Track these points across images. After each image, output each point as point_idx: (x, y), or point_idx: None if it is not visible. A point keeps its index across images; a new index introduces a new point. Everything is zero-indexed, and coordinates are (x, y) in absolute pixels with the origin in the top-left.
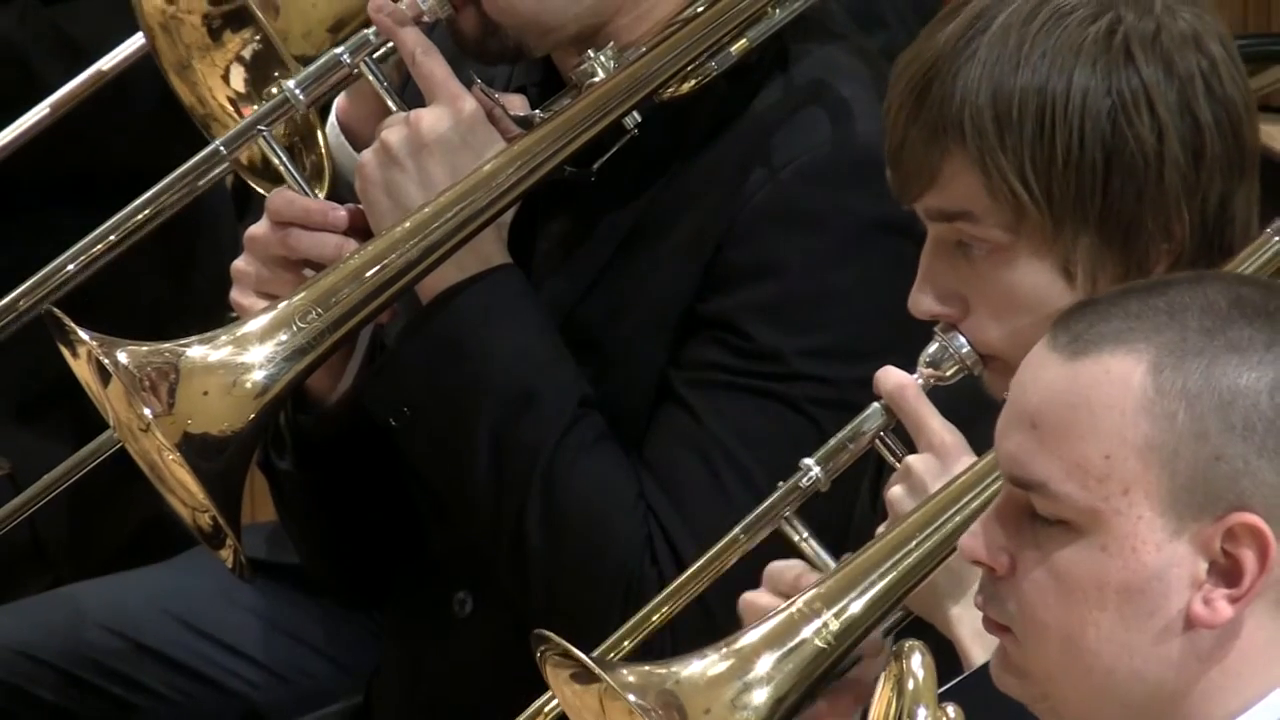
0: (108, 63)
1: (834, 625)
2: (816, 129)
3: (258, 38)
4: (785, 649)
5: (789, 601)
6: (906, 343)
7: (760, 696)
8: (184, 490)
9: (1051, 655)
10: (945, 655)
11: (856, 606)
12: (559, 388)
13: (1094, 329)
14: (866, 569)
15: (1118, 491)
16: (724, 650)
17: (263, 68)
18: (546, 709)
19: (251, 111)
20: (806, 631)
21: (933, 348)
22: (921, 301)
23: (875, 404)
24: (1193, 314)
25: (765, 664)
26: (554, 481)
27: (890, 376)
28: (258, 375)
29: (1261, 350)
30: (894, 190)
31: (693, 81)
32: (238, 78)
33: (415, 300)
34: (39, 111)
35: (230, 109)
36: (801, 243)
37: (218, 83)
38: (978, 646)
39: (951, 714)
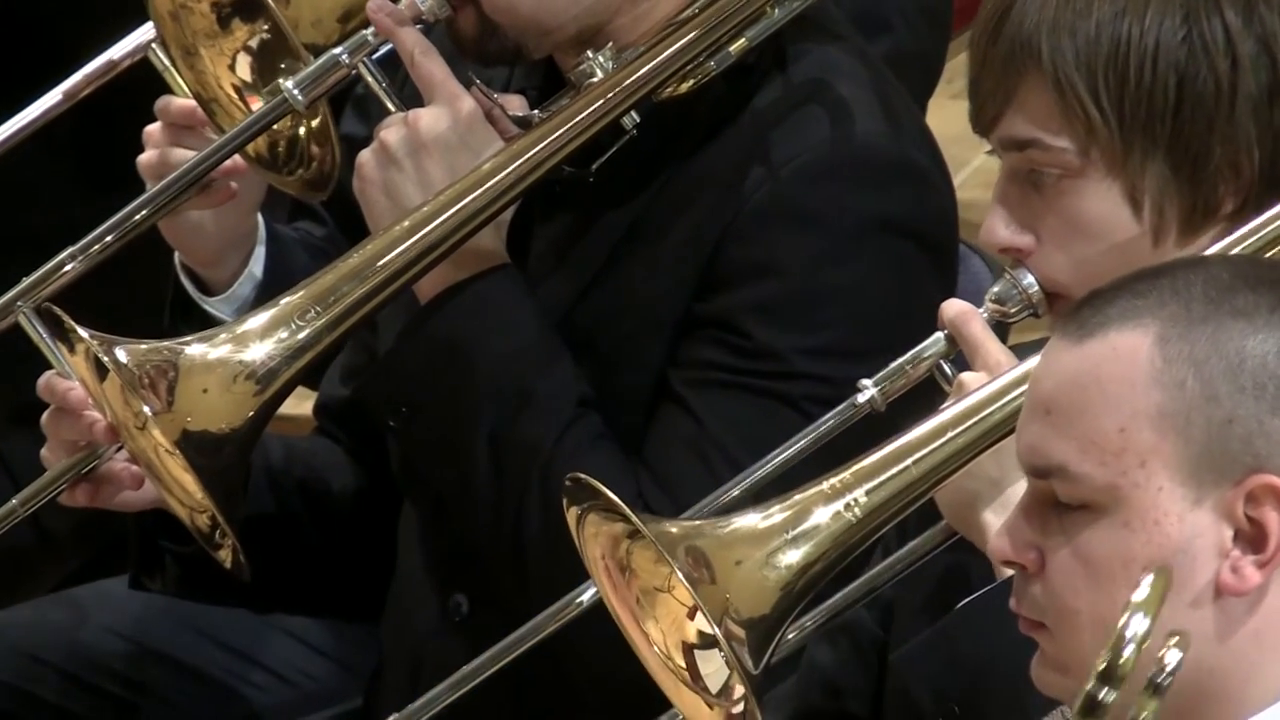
0: (119, 52)
1: (864, 500)
2: (815, 128)
3: (266, 28)
4: (817, 518)
5: (825, 476)
6: (906, 342)
7: (793, 557)
8: (181, 490)
9: (1087, 642)
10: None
11: (890, 486)
12: (557, 387)
13: (1100, 312)
14: (901, 453)
15: (1135, 464)
16: (760, 512)
17: (270, 58)
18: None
19: (257, 101)
20: (838, 504)
21: (999, 285)
22: (995, 229)
23: (938, 333)
24: (1196, 286)
25: (797, 529)
26: (553, 480)
27: (954, 304)
28: (257, 372)
29: (1266, 314)
30: (972, 122)
31: (691, 81)
32: (244, 67)
33: (413, 300)
34: (52, 98)
35: (236, 97)
36: (801, 242)
37: (224, 71)
38: None
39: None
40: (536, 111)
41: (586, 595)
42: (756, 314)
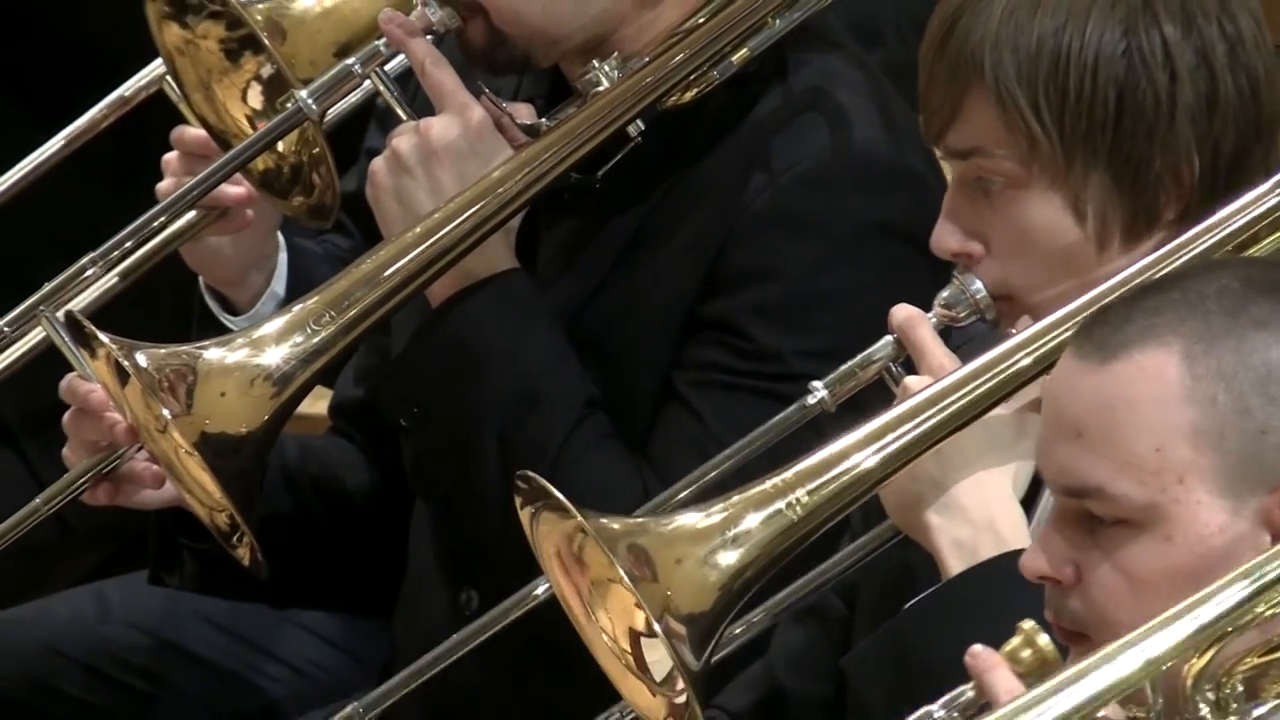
0: (129, 89)
1: (805, 500)
2: (815, 135)
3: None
4: (758, 517)
5: (769, 474)
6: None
7: (731, 557)
8: (201, 489)
9: None
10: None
11: (830, 486)
12: (565, 388)
13: (1118, 332)
14: (845, 452)
15: (1173, 481)
16: (703, 510)
17: (278, 86)
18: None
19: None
20: (780, 504)
21: (948, 290)
22: (944, 238)
23: (887, 336)
24: (1210, 299)
25: (739, 527)
26: (560, 479)
27: (902, 309)
28: (274, 376)
29: None
30: (923, 131)
31: (695, 90)
32: (255, 97)
33: (425, 303)
34: (54, 144)
35: (248, 126)
36: (801, 246)
37: (236, 103)
38: (955, 557)
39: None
40: (544, 120)
41: (541, 589)
42: (758, 317)
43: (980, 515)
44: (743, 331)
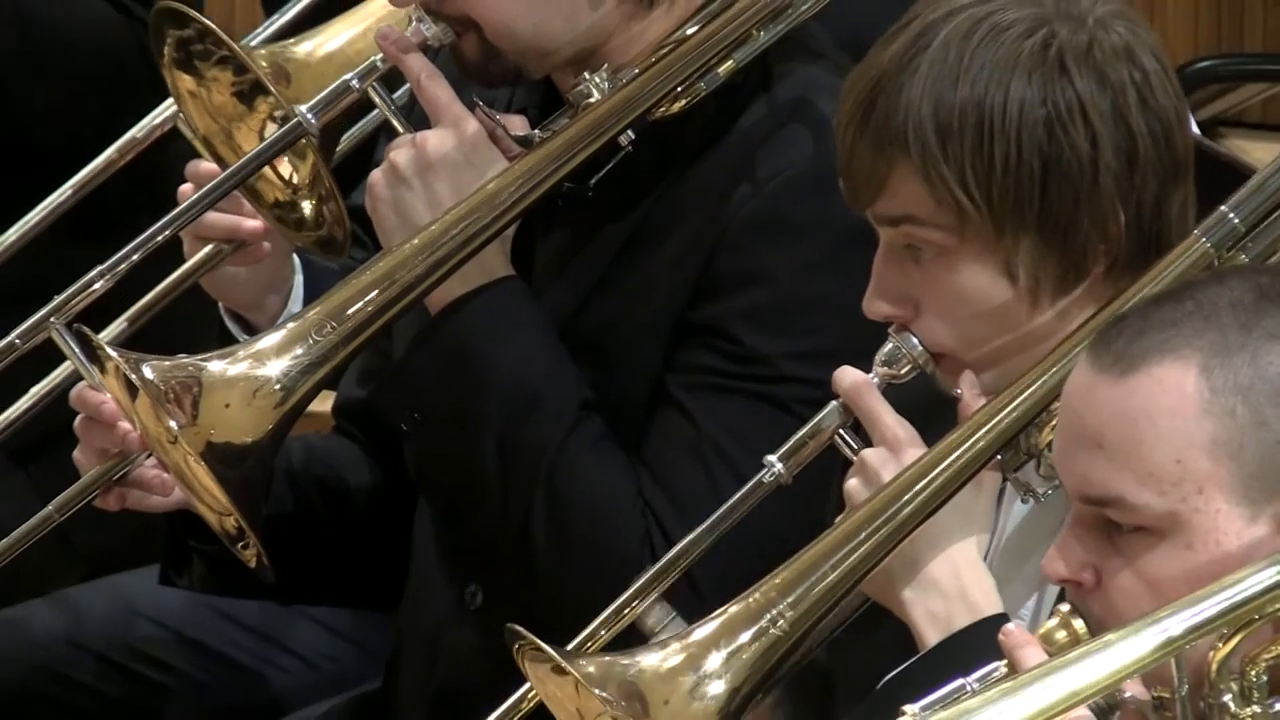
0: (141, 130)
1: (789, 614)
2: (799, 144)
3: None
4: (742, 639)
5: (747, 592)
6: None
7: (717, 687)
8: (210, 496)
9: None
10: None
11: (811, 594)
12: (561, 392)
13: (1135, 344)
14: (820, 558)
15: (1193, 491)
16: (684, 641)
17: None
18: (527, 697)
19: (283, 162)
20: (763, 621)
21: (887, 347)
22: (875, 304)
23: (833, 402)
24: (1224, 312)
25: (722, 654)
26: (557, 481)
27: (847, 375)
28: (276, 387)
29: None
30: (846, 198)
31: (683, 101)
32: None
33: (425, 310)
34: (65, 190)
35: (268, 168)
36: (787, 251)
37: (253, 145)
38: (931, 629)
39: None
40: (537, 131)
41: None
42: (746, 320)
43: (952, 586)
44: (733, 335)
